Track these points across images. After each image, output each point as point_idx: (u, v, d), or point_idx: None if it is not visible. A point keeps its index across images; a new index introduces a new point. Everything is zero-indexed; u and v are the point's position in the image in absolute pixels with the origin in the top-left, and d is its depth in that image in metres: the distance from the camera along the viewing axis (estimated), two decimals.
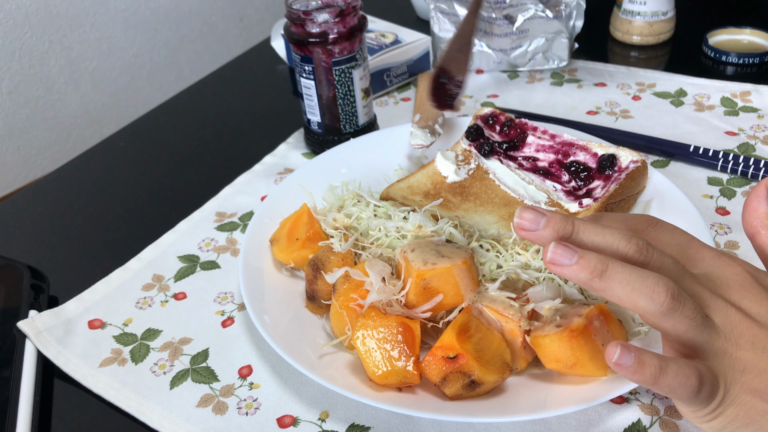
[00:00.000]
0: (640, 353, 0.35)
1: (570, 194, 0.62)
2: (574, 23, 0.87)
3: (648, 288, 0.36)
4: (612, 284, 0.37)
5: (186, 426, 0.49)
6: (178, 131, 0.88)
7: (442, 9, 0.89)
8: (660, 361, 0.35)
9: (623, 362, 0.35)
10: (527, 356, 0.48)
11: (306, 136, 0.78)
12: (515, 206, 0.59)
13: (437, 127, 0.72)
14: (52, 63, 2.01)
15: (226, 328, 0.57)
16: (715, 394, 0.37)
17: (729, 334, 0.38)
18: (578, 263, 0.37)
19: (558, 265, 0.37)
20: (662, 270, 0.38)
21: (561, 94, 0.86)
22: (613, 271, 0.37)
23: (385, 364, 0.46)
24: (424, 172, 0.65)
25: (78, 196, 0.78)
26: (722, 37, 0.92)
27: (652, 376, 0.35)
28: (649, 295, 0.36)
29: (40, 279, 0.62)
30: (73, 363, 0.55)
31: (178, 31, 2.29)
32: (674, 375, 0.35)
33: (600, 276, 0.37)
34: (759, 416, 0.37)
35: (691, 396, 0.36)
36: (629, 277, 0.36)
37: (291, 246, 0.58)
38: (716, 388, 0.37)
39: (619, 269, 0.37)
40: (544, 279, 0.50)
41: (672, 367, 0.35)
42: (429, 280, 0.48)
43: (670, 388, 0.36)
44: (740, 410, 0.37)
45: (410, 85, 0.91)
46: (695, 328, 0.37)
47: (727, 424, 0.38)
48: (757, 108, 0.79)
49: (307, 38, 0.69)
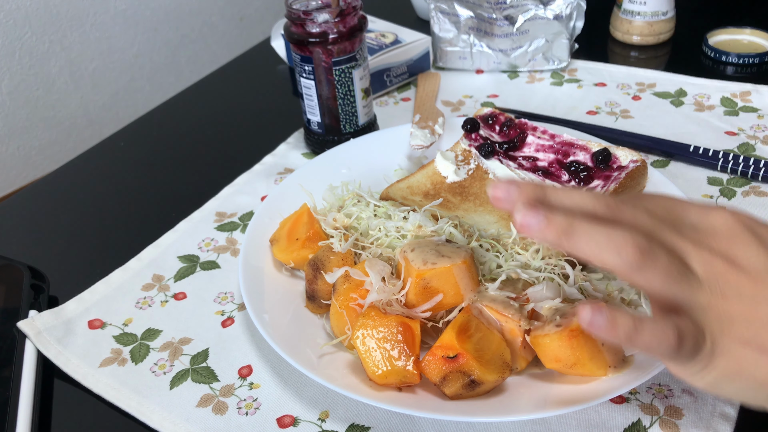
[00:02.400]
0: (614, 313, 0.35)
1: None
2: (575, 24, 0.87)
3: (615, 244, 0.36)
4: (579, 242, 0.36)
5: (186, 426, 0.49)
6: (178, 131, 0.88)
7: (442, 9, 0.89)
8: (634, 320, 0.35)
9: (596, 322, 0.35)
10: (527, 356, 0.48)
11: (306, 136, 0.78)
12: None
13: (437, 128, 0.72)
14: (52, 63, 2.01)
15: (226, 328, 0.57)
16: (701, 348, 0.36)
17: (713, 286, 0.37)
18: (545, 223, 0.37)
19: (527, 227, 0.37)
20: (635, 226, 0.37)
21: (561, 94, 0.86)
22: (579, 229, 0.36)
23: (385, 363, 0.46)
24: (424, 173, 0.65)
25: (78, 196, 0.78)
26: (722, 37, 0.92)
27: (626, 334, 0.35)
28: (616, 251, 0.36)
29: (40, 279, 0.62)
30: (73, 363, 0.55)
31: (178, 31, 2.29)
32: (650, 333, 0.35)
33: (566, 234, 0.36)
34: (751, 366, 0.37)
35: (671, 352, 0.35)
36: (595, 234, 0.36)
37: (291, 246, 0.58)
38: (701, 343, 0.36)
39: (585, 227, 0.36)
40: (544, 279, 0.50)
41: (647, 325, 0.35)
42: (429, 280, 0.48)
43: (648, 347, 0.35)
44: (731, 362, 0.37)
45: (410, 85, 0.91)
46: (672, 282, 0.36)
47: (720, 378, 0.37)
48: (757, 108, 0.79)
49: (307, 38, 0.69)
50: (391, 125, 0.82)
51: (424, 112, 0.78)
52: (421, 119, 0.75)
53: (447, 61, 0.92)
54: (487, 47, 0.89)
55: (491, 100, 0.86)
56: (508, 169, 0.64)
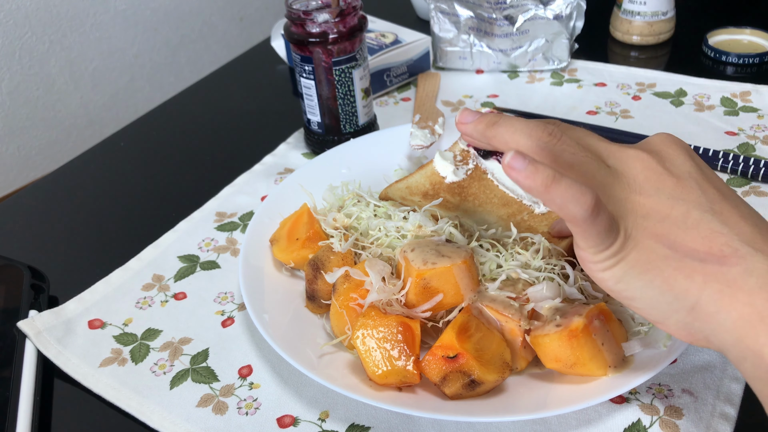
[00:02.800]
0: (535, 161, 0.36)
1: None
2: (575, 24, 0.87)
3: (528, 127, 0.41)
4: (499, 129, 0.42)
5: (186, 426, 0.49)
6: (178, 131, 0.88)
7: (442, 9, 0.89)
8: (555, 172, 0.36)
9: (516, 165, 0.36)
10: (527, 356, 0.48)
11: (306, 136, 0.78)
12: (514, 206, 0.59)
13: (437, 128, 0.72)
14: (52, 63, 2.01)
15: (226, 328, 0.57)
16: (614, 234, 0.37)
17: (631, 181, 0.39)
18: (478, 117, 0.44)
19: (463, 122, 0.45)
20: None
21: (561, 94, 0.86)
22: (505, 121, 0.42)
23: (385, 363, 0.46)
24: (423, 173, 0.65)
25: (78, 196, 0.78)
26: (722, 37, 0.92)
27: (544, 183, 0.35)
28: (527, 133, 0.41)
29: (40, 279, 0.62)
30: (73, 363, 0.55)
31: (178, 31, 2.29)
32: (567, 187, 0.36)
33: (492, 125, 0.43)
34: (660, 261, 0.37)
35: (586, 216, 0.36)
36: (516, 122, 0.42)
37: (291, 246, 0.58)
38: (615, 228, 0.37)
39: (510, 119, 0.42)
40: (544, 279, 0.50)
41: (567, 180, 0.36)
42: (429, 280, 0.48)
43: (563, 201, 0.36)
44: (641, 255, 0.37)
45: (410, 85, 0.91)
46: (587, 163, 0.39)
47: (627, 270, 0.38)
48: (757, 108, 0.79)
49: (307, 38, 0.69)
50: (391, 125, 0.82)
51: (424, 112, 0.78)
52: (421, 119, 0.75)
53: (447, 61, 0.92)
54: (487, 47, 0.89)
55: (491, 100, 0.86)
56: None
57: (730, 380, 0.48)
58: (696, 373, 0.49)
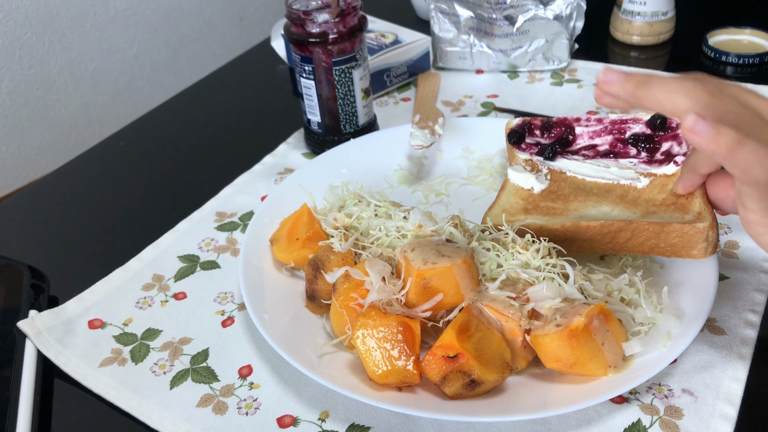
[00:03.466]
0: (717, 124, 0.34)
1: (651, 162, 0.60)
2: (575, 24, 0.87)
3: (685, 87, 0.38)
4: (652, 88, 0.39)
5: (186, 426, 0.49)
6: (178, 131, 0.88)
7: (442, 9, 0.89)
8: (739, 135, 0.34)
9: (698, 129, 0.34)
10: (527, 355, 0.48)
11: (306, 136, 0.78)
12: (618, 189, 0.58)
13: (437, 128, 0.72)
14: (52, 63, 2.01)
15: (226, 328, 0.57)
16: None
17: None
18: (624, 76, 0.41)
19: (607, 80, 0.41)
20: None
21: (561, 94, 0.86)
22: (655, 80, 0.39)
23: (385, 363, 0.46)
24: (507, 192, 0.62)
25: (78, 196, 0.78)
26: (722, 37, 0.92)
27: (728, 146, 0.34)
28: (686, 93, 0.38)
29: (40, 279, 0.62)
30: (73, 363, 0.55)
31: (178, 31, 2.29)
32: (753, 150, 0.34)
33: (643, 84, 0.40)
34: None
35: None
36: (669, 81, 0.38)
37: (291, 246, 0.58)
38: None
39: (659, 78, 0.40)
40: (544, 278, 0.50)
41: (752, 143, 0.34)
42: (429, 280, 0.48)
43: (747, 164, 0.34)
44: None
45: (410, 85, 0.91)
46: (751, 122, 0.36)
47: None
48: None
49: (307, 38, 0.69)
50: (391, 125, 0.82)
51: (424, 112, 0.78)
52: (421, 119, 0.75)
53: (447, 61, 0.92)
54: (487, 47, 0.89)
55: (491, 100, 0.86)
56: (579, 162, 0.62)
57: (730, 380, 0.48)
58: (696, 373, 0.49)
